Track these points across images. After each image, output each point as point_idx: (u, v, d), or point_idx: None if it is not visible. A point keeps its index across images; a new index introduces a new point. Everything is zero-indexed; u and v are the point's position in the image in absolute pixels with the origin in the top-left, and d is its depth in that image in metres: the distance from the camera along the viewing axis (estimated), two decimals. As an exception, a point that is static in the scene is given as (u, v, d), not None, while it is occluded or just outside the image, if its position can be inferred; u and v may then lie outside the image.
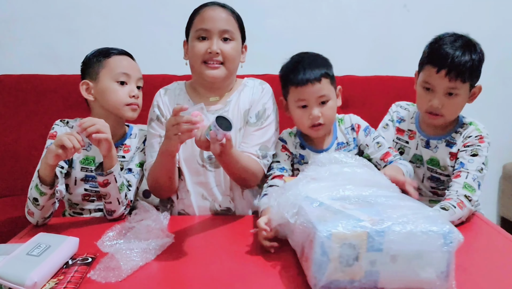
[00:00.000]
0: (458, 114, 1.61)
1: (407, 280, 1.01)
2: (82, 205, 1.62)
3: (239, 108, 1.63)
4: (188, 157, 1.60)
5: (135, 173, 1.61)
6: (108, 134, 1.39)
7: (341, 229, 0.99)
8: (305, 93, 1.53)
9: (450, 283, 1.01)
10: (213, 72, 1.55)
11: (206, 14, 1.54)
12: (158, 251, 1.25)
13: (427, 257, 0.99)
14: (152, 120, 1.63)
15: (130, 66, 1.61)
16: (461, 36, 1.56)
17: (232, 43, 1.55)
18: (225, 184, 1.60)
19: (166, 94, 1.65)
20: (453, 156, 1.60)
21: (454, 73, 1.50)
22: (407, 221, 1.00)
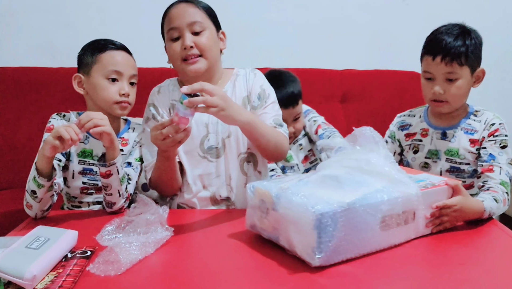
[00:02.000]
0: (463, 99, 1.61)
1: (290, 244, 1.16)
2: (81, 198, 1.61)
3: (236, 97, 1.63)
4: (188, 149, 1.59)
5: (134, 167, 1.61)
6: (107, 126, 1.38)
7: (261, 187, 1.25)
8: (285, 115, 1.71)
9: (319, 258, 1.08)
10: (193, 67, 1.54)
11: (172, 13, 1.54)
12: (158, 244, 1.24)
13: (299, 228, 1.11)
14: (149, 120, 1.63)
15: (124, 63, 1.59)
16: (456, 24, 1.60)
17: (204, 34, 1.54)
18: (225, 174, 1.60)
19: (160, 92, 1.65)
20: (474, 143, 1.60)
21: (449, 57, 1.53)
22: (307, 194, 1.14)
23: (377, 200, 1.15)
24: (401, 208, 1.20)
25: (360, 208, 1.12)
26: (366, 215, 1.13)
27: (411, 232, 1.25)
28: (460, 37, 1.54)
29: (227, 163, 1.60)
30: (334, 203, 1.09)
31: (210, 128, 1.59)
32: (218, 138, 1.59)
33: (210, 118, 1.59)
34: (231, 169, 1.60)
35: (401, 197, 1.20)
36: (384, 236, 1.19)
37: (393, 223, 1.19)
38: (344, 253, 1.13)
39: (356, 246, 1.14)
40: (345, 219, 1.10)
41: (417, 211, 1.24)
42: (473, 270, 1.13)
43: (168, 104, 1.63)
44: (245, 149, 1.62)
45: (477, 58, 1.58)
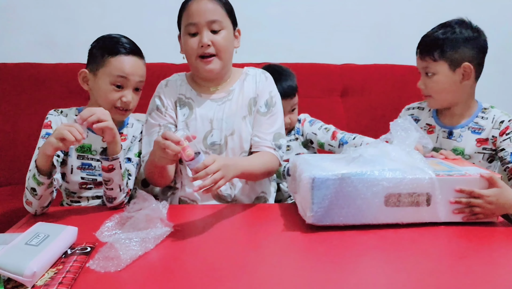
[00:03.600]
0: (450, 95, 1.58)
1: (299, 203, 1.39)
2: (80, 193, 1.61)
3: (244, 96, 1.64)
4: (191, 143, 1.58)
5: (134, 163, 1.60)
6: (109, 121, 1.38)
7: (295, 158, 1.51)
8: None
9: (310, 216, 1.27)
10: (208, 66, 1.56)
11: (192, 8, 1.53)
12: (158, 240, 1.24)
13: (302, 190, 1.31)
14: (153, 110, 1.63)
15: (132, 69, 1.56)
16: (459, 19, 1.58)
17: (222, 33, 1.54)
18: None
19: (167, 86, 1.66)
20: (481, 142, 1.58)
21: (424, 52, 1.55)
22: (315, 165, 1.35)
23: (376, 176, 1.26)
24: (409, 188, 1.27)
25: (355, 179, 1.26)
26: (363, 187, 1.26)
27: (424, 215, 1.30)
28: (439, 31, 1.53)
29: None
30: (329, 172, 1.26)
31: (215, 124, 1.60)
32: (222, 135, 1.60)
33: (215, 115, 1.60)
34: None
35: (408, 178, 1.27)
36: (389, 212, 1.28)
37: (400, 202, 1.28)
38: (338, 217, 1.28)
39: (353, 214, 1.28)
40: (338, 186, 1.26)
41: (434, 196, 1.28)
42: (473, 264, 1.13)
43: (175, 97, 1.63)
44: (247, 148, 1.63)
45: (458, 53, 1.54)
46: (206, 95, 1.63)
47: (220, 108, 1.61)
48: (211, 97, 1.63)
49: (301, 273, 1.09)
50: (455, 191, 1.30)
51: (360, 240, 1.24)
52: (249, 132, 1.63)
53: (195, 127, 1.60)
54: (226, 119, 1.60)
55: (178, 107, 1.62)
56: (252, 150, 1.63)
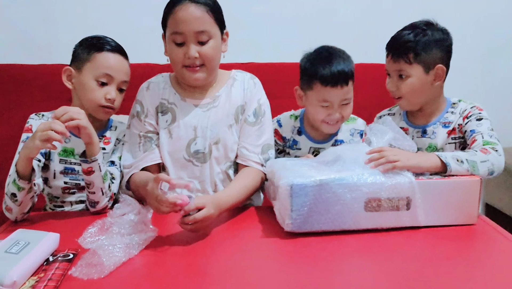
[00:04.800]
0: (422, 96, 1.58)
1: (276, 210, 1.36)
2: (63, 198, 1.58)
3: (231, 104, 1.59)
4: (173, 151, 1.57)
5: (117, 166, 1.58)
6: (83, 120, 1.35)
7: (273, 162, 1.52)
8: (331, 95, 1.54)
9: (288, 224, 1.27)
10: (195, 75, 1.52)
11: (178, 16, 1.45)
12: (142, 245, 1.22)
13: (280, 196, 1.29)
14: (133, 117, 1.60)
15: (117, 67, 1.55)
16: (424, 21, 1.58)
17: (210, 43, 1.49)
18: (210, 180, 1.58)
19: (149, 89, 1.61)
20: (450, 133, 1.59)
21: (396, 55, 1.55)
22: (294, 170, 1.33)
23: (355, 181, 1.25)
24: (389, 193, 1.27)
25: (334, 185, 1.25)
26: (342, 193, 1.25)
27: (404, 219, 1.30)
28: (411, 33, 1.53)
29: (212, 169, 1.57)
30: (308, 178, 1.25)
31: (199, 132, 1.56)
32: (206, 143, 1.56)
33: (200, 122, 1.56)
34: (215, 176, 1.58)
35: (388, 183, 1.27)
36: (369, 217, 1.28)
37: (380, 207, 1.28)
38: (318, 224, 1.27)
39: (333, 220, 1.27)
40: (317, 193, 1.24)
41: (414, 200, 1.28)
42: (459, 267, 1.14)
43: (157, 102, 1.58)
44: (233, 157, 1.59)
45: (431, 55, 1.54)
46: (190, 100, 1.59)
47: (205, 115, 1.57)
48: (195, 102, 1.58)
49: (282, 278, 1.08)
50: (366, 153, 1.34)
51: (340, 245, 1.24)
52: (235, 141, 1.59)
53: (178, 134, 1.56)
54: (211, 127, 1.56)
55: (160, 113, 1.58)
56: (238, 161, 1.59)
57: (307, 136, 1.66)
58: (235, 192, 1.46)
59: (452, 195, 1.31)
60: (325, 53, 1.58)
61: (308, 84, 1.58)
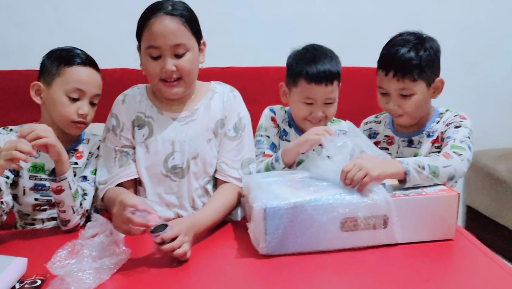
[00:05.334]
0: (423, 110, 1.57)
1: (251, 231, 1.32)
2: (34, 215, 1.53)
3: (210, 117, 1.56)
4: (150, 165, 1.53)
5: (90, 181, 1.53)
6: (50, 138, 1.31)
7: (248, 179, 1.49)
8: (314, 93, 1.53)
9: (263, 247, 1.24)
10: (172, 90, 1.48)
11: (154, 29, 1.41)
12: (113, 269, 1.19)
13: (255, 218, 1.26)
14: (108, 131, 1.56)
15: (89, 81, 1.50)
16: (411, 34, 1.54)
17: (187, 56, 1.45)
18: (188, 196, 1.55)
19: (125, 102, 1.56)
20: (433, 142, 1.57)
21: (400, 73, 1.48)
22: (269, 190, 1.30)
23: (331, 203, 1.23)
24: (365, 212, 1.25)
25: (310, 207, 1.22)
26: (318, 214, 1.23)
27: (381, 238, 1.29)
28: (413, 49, 1.48)
29: (190, 185, 1.54)
30: (282, 200, 1.22)
31: (177, 146, 1.52)
32: (184, 158, 1.52)
33: (178, 136, 1.53)
34: (194, 191, 1.55)
35: (364, 202, 1.24)
36: (346, 237, 1.26)
37: (356, 226, 1.26)
38: (293, 246, 1.24)
39: (308, 242, 1.25)
40: (292, 215, 1.22)
41: (391, 218, 1.27)
42: (437, 284, 1.13)
43: (133, 116, 1.54)
44: (212, 172, 1.56)
45: (433, 70, 1.52)
46: (168, 114, 1.55)
47: (183, 129, 1.54)
48: (173, 116, 1.55)
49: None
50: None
51: (318, 265, 1.22)
52: (214, 156, 1.56)
53: (155, 149, 1.52)
54: (189, 141, 1.52)
55: (137, 127, 1.54)
56: (217, 176, 1.56)
57: (295, 128, 1.64)
58: (211, 212, 1.43)
59: (430, 211, 1.30)
60: (312, 51, 1.58)
61: (293, 81, 1.56)
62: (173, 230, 1.22)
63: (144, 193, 1.53)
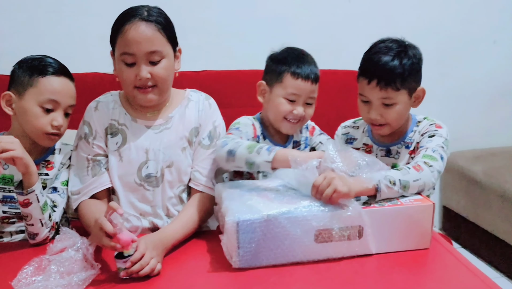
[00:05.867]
0: (403, 120, 1.55)
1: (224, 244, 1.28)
2: (2, 228, 1.48)
3: (185, 126, 1.54)
4: (124, 174, 1.50)
5: (61, 192, 1.49)
6: (17, 150, 1.27)
7: (220, 187, 1.44)
8: (301, 88, 1.51)
9: (236, 261, 1.22)
10: (147, 97, 1.45)
11: (128, 35, 1.38)
12: (82, 286, 1.16)
13: (227, 231, 1.22)
14: (81, 139, 1.51)
15: (63, 92, 1.45)
16: (394, 41, 1.51)
17: (162, 63, 1.43)
18: (162, 205, 1.52)
19: (98, 109, 1.52)
20: (411, 153, 1.55)
21: (383, 82, 1.45)
22: (241, 201, 1.28)
23: (305, 215, 1.21)
24: (340, 223, 1.23)
25: (283, 219, 1.20)
26: (292, 227, 1.21)
27: (356, 248, 1.27)
28: (396, 57, 1.45)
29: (165, 193, 1.51)
30: (255, 213, 1.19)
31: (151, 155, 1.50)
32: (158, 167, 1.50)
33: (152, 144, 1.50)
34: (168, 200, 1.52)
35: (338, 213, 1.23)
36: (320, 248, 1.24)
37: (331, 237, 1.24)
38: (267, 259, 1.22)
39: (282, 254, 1.23)
40: (265, 228, 1.19)
41: (366, 229, 1.26)
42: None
43: (106, 123, 1.51)
44: (186, 180, 1.54)
45: (416, 79, 1.50)
46: (142, 121, 1.52)
47: (157, 137, 1.51)
48: (147, 124, 1.52)
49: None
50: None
51: (293, 277, 1.20)
52: (189, 164, 1.53)
53: (129, 157, 1.49)
54: (163, 150, 1.49)
55: (109, 135, 1.50)
56: (191, 185, 1.53)
57: (270, 140, 1.60)
58: (181, 225, 1.40)
59: (405, 221, 1.29)
60: (298, 51, 1.59)
61: (277, 77, 1.53)
62: (139, 248, 1.20)
63: (117, 202, 1.49)
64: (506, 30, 2.86)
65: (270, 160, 1.32)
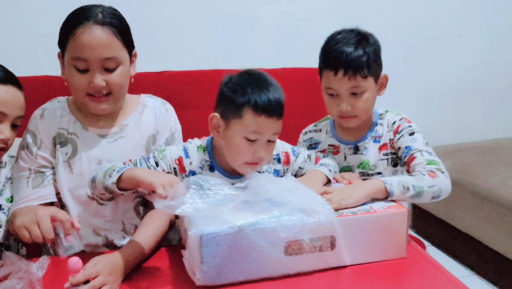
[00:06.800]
0: (371, 109, 1.52)
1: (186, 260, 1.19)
2: None
3: (141, 133, 1.44)
4: (74, 187, 1.39)
5: (5, 210, 1.36)
6: None
7: None
8: (264, 127, 1.27)
9: (199, 278, 1.12)
10: (100, 106, 1.35)
11: (81, 40, 1.27)
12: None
13: (189, 245, 1.13)
14: (23, 149, 1.39)
15: (10, 102, 1.32)
16: (350, 31, 1.48)
17: (118, 70, 1.33)
18: (117, 218, 1.42)
19: (44, 118, 1.40)
20: (381, 148, 1.53)
21: (351, 71, 1.42)
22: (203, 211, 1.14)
23: (273, 225, 1.13)
24: (311, 234, 1.16)
25: (250, 232, 1.12)
26: (259, 238, 1.13)
27: (329, 260, 1.20)
28: (359, 46, 1.43)
29: (120, 207, 1.41)
30: (220, 225, 1.10)
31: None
32: None
33: (105, 154, 1.40)
34: (123, 214, 1.42)
35: (309, 223, 1.15)
36: (290, 261, 1.17)
37: (301, 249, 1.16)
38: (233, 274, 1.14)
39: (250, 269, 1.14)
40: (231, 241, 1.11)
41: (338, 239, 1.19)
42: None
43: (54, 133, 1.39)
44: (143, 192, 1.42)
45: (379, 65, 1.49)
46: (94, 130, 1.41)
47: (111, 146, 1.40)
48: (100, 132, 1.41)
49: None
50: None
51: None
52: None
53: (80, 169, 1.38)
54: (118, 159, 1.39)
55: (58, 145, 1.39)
56: (147, 197, 1.41)
57: (220, 172, 1.40)
58: (139, 243, 1.28)
59: (379, 229, 1.22)
60: (258, 77, 1.32)
61: (234, 112, 1.28)
62: (88, 271, 1.09)
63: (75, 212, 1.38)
64: (471, 25, 2.87)
65: (114, 181, 1.23)
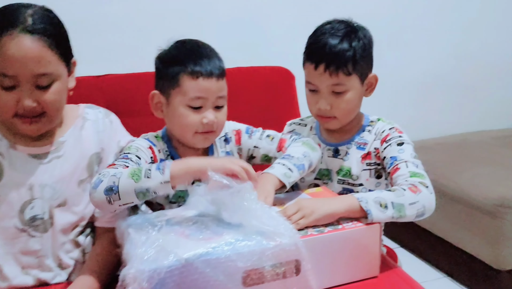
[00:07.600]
0: (354, 112, 1.40)
1: None
2: None
3: (82, 153, 1.26)
4: (0, 218, 1.20)
5: None
6: None
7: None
8: (205, 88, 1.22)
9: None
10: (30, 128, 1.17)
11: (8, 53, 1.09)
12: None
13: None
14: None
15: None
16: (342, 21, 1.38)
17: (53, 86, 1.15)
18: (53, 254, 1.23)
19: None
20: (364, 157, 1.40)
21: (333, 66, 1.30)
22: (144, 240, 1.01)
23: (228, 254, 0.99)
24: (272, 260, 1.02)
25: (201, 264, 0.97)
26: (212, 272, 0.98)
27: (294, 287, 1.06)
28: (345, 39, 1.32)
29: (55, 240, 1.23)
30: (164, 259, 0.95)
31: (36, 192, 1.21)
32: (46, 207, 1.21)
33: (38, 178, 1.21)
34: (60, 248, 1.24)
35: (270, 249, 1.02)
36: None
37: (262, 278, 1.03)
38: None
39: None
40: (178, 277, 0.96)
41: (304, 263, 1.05)
42: None
43: None
44: (85, 222, 1.27)
45: (367, 63, 1.38)
46: (24, 149, 1.22)
47: (45, 168, 1.22)
48: (31, 151, 1.22)
49: None
50: None
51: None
52: (88, 201, 1.23)
53: (7, 196, 1.19)
54: (53, 184, 1.21)
55: None
56: (96, 225, 1.27)
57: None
58: (97, 275, 1.14)
59: (349, 247, 1.10)
60: (191, 44, 1.30)
61: (171, 82, 1.24)
62: None
63: None
64: (437, 18, 2.82)
65: (168, 179, 1.06)
